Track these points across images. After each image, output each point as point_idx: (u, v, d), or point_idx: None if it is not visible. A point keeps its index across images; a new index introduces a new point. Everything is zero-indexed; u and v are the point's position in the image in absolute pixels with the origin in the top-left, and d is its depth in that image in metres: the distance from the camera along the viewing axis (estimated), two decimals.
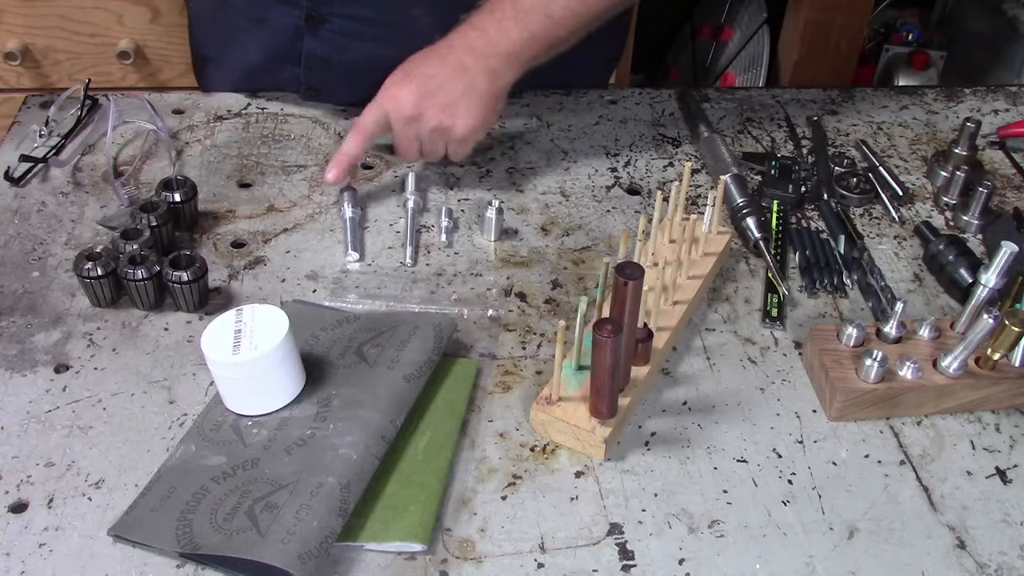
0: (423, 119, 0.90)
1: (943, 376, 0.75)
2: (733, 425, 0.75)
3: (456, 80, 0.89)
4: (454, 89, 0.89)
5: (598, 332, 0.65)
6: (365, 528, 0.65)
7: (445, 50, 0.90)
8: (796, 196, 0.98)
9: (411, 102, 0.89)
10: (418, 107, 0.89)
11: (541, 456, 0.72)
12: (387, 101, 0.90)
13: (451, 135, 0.91)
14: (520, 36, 0.89)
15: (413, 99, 0.89)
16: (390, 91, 0.90)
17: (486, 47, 0.89)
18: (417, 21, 1.01)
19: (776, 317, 0.84)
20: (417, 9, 1.01)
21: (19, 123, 1.05)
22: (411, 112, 0.89)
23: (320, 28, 1.02)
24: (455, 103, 0.89)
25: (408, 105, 0.89)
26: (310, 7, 1.01)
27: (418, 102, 0.89)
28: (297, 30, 1.03)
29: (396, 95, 0.90)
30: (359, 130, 0.91)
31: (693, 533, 0.67)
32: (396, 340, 0.76)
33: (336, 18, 1.01)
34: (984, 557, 0.66)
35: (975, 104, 1.17)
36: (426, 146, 0.93)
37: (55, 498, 0.67)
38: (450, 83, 0.89)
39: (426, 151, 0.94)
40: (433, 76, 0.89)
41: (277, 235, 0.92)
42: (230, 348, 0.69)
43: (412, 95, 0.89)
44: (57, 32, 1.57)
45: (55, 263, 0.87)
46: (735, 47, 1.97)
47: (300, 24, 1.02)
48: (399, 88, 0.90)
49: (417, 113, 0.89)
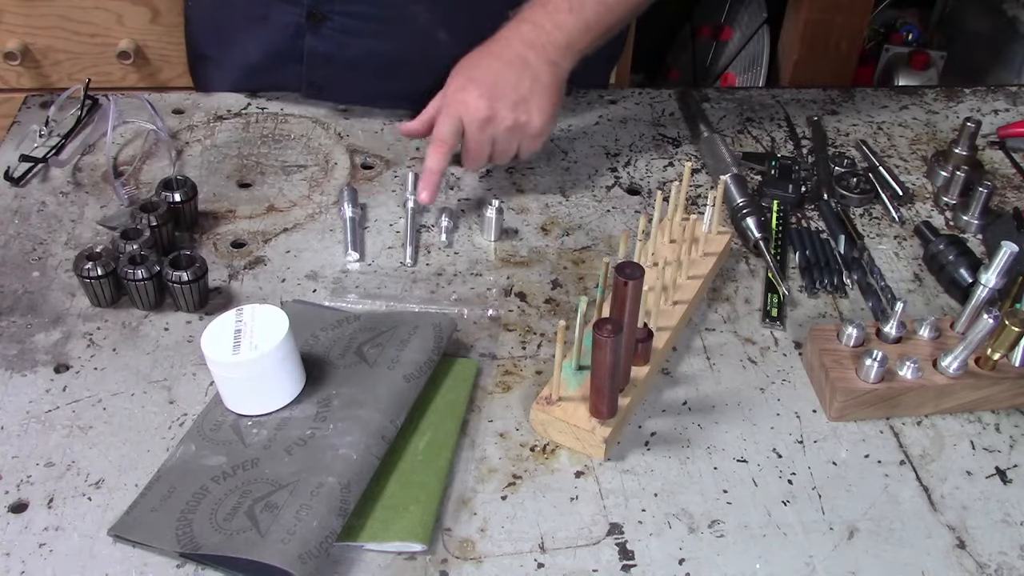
0: (497, 120, 0.88)
1: (943, 376, 0.75)
2: (733, 425, 0.75)
3: (521, 76, 0.88)
4: (521, 85, 0.88)
5: (598, 332, 0.65)
6: (365, 528, 0.65)
7: (500, 48, 0.89)
8: (796, 196, 0.98)
9: (483, 105, 0.87)
10: (491, 108, 0.87)
11: (541, 456, 0.72)
12: (457, 108, 0.88)
13: (526, 132, 0.90)
14: (575, 26, 0.88)
15: (484, 102, 0.87)
16: (457, 97, 0.88)
17: (543, 40, 0.88)
18: (418, 17, 1.01)
19: (776, 317, 0.84)
20: (418, 6, 1.01)
21: (19, 123, 1.05)
22: (485, 114, 0.87)
23: (321, 26, 1.02)
24: (526, 99, 0.88)
25: (481, 108, 0.87)
26: (311, 5, 1.01)
27: (490, 104, 0.87)
28: (298, 28, 1.03)
29: (465, 100, 0.88)
30: (438, 145, 0.89)
31: (693, 533, 0.67)
32: (396, 340, 0.76)
33: (337, 16, 1.02)
34: (984, 557, 0.66)
35: (975, 104, 1.17)
36: (500, 147, 0.91)
37: (55, 498, 0.67)
38: (516, 80, 0.87)
39: (499, 153, 0.92)
40: (497, 75, 0.88)
41: (277, 235, 0.92)
42: (230, 348, 0.69)
43: (482, 98, 0.87)
44: (57, 32, 1.57)
45: (55, 263, 0.87)
46: (735, 47, 1.97)
47: (301, 22, 1.02)
48: (466, 93, 0.88)
49: (491, 115, 0.88)
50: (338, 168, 1.01)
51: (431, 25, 1.00)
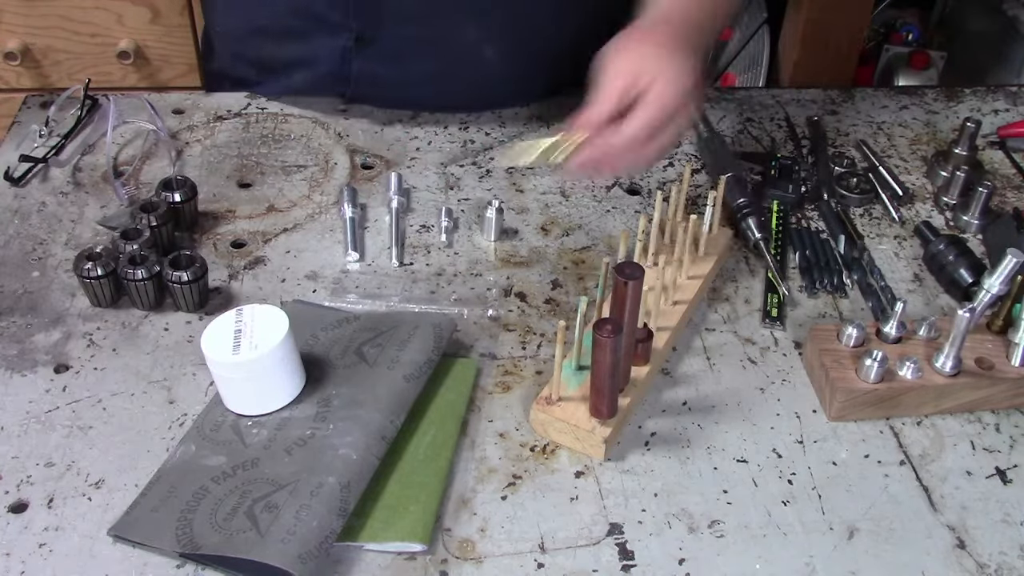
0: (686, 109, 0.80)
1: (943, 376, 0.75)
2: (733, 425, 0.75)
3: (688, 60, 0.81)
4: (694, 70, 0.81)
5: (598, 332, 0.65)
6: (365, 528, 0.65)
7: (661, 35, 0.82)
8: (796, 196, 0.98)
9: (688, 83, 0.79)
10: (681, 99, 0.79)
11: (541, 456, 0.72)
12: (680, 97, 0.79)
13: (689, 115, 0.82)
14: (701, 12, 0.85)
15: (689, 79, 0.79)
16: (657, 91, 0.78)
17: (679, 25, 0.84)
18: (468, 36, 1.01)
19: (776, 317, 0.84)
20: (469, 25, 1.00)
21: (19, 123, 1.05)
22: (679, 102, 0.79)
23: (369, 48, 1.01)
24: (695, 84, 0.81)
25: (677, 100, 0.79)
26: (360, 29, 1.00)
27: (680, 94, 0.79)
28: (344, 52, 1.02)
29: (663, 92, 0.78)
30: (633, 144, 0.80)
31: (693, 533, 0.67)
32: (396, 340, 0.76)
33: (387, 38, 1.01)
34: (984, 557, 0.66)
35: (975, 104, 1.17)
36: (670, 139, 0.82)
37: (55, 498, 0.67)
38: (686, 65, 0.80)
39: (667, 146, 0.82)
40: (672, 64, 0.80)
41: (277, 235, 0.92)
42: (230, 348, 0.69)
43: (675, 90, 0.78)
44: (57, 32, 1.57)
45: (55, 263, 0.87)
46: (735, 47, 1.97)
47: (348, 46, 1.02)
48: (668, 84, 0.78)
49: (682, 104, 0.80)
50: (338, 168, 1.01)
51: (479, 42, 1.00)
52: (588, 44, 0.84)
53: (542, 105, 1.11)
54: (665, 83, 0.78)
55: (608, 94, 0.78)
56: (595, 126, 0.79)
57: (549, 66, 1.08)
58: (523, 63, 1.05)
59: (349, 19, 0.99)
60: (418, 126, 1.07)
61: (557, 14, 1.03)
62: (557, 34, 1.04)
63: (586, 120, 0.79)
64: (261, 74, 1.10)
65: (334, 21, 1.00)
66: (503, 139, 1.06)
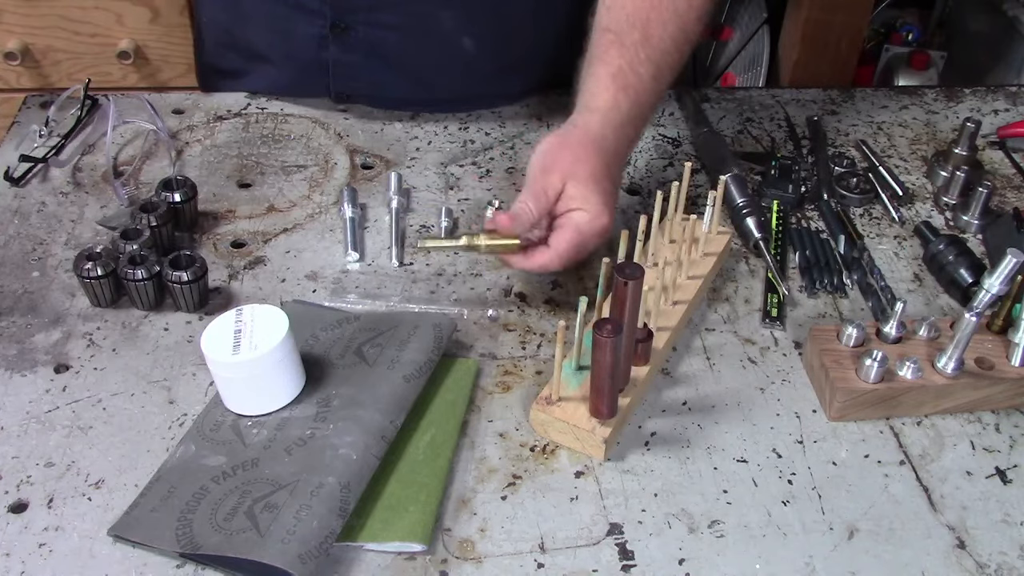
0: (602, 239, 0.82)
1: (943, 376, 0.75)
2: (733, 425, 0.75)
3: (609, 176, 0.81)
4: (613, 187, 0.82)
5: (598, 332, 0.65)
6: (365, 528, 0.65)
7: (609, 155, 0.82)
8: (796, 196, 0.98)
9: (608, 222, 0.80)
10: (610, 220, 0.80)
11: (541, 456, 0.72)
12: (600, 234, 0.80)
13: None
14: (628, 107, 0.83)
15: (609, 217, 0.80)
16: (601, 222, 0.79)
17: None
18: (444, 24, 1.01)
19: (776, 317, 0.84)
20: (444, 12, 1.00)
21: (19, 123, 1.05)
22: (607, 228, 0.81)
23: (346, 36, 1.01)
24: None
25: (607, 225, 0.80)
26: (334, 16, 1.00)
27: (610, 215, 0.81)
28: (321, 40, 1.02)
29: (605, 224, 0.80)
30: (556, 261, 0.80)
31: (693, 533, 0.67)
32: (396, 340, 0.76)
33: (361, 26, 1.01)
34: (984, 557, 0.66)
35: (975, 104, 1.17)
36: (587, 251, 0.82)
37: (55, 498, 0.67)
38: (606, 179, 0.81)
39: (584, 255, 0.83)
40: (601, 180, 0.80)
41: (277, 235, 0.92)
42: (230, 348, 0.69)
43: (608, 214, 0.80)
44: (57, 32, 1.57)
45: (55, 263, 0.87)
46: (735, 47, 1.97)
47: (324, 34, 1.02)
48: (604, 217, 0.79)
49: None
50: (338, 168, 1.01)
51: (456, 32, 0.99)
52: (569, 38, 0.84)
53: (541, 105, 1.11)
54: (590, 219, 0.79)
55: (535, 194, 0.79)
56: (523, 228, 0.80)
57: (530, 60, 1.08)
58: (504, 54, 1.05)
59: (324, 5, 0.99)
60: (418, 126, 1.07)
61: (535, 5, 1.02)
62: (536, 28, 1.04)
63: (513, 223, 0.80)
64: (247, 64, 1.10)
65: (310, 8, 1.00)
66: (503, 139, 1.06)
